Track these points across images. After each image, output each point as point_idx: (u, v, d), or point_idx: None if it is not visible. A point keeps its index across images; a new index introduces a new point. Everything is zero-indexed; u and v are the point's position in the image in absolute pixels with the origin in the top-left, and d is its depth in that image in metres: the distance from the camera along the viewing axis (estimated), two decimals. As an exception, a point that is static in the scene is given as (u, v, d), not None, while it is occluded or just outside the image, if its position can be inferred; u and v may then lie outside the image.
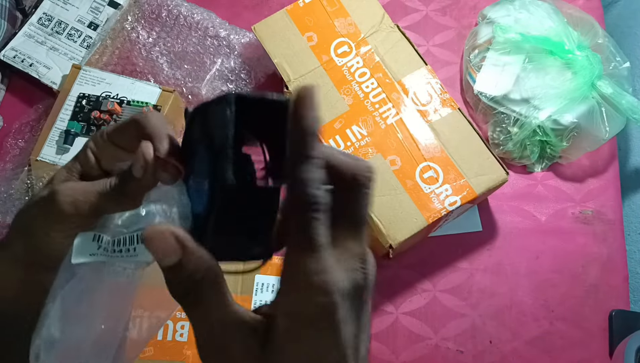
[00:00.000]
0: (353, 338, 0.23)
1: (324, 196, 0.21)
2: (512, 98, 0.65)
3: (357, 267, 0.22)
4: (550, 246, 0.66)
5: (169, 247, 0.21)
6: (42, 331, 0.24)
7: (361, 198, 0.23)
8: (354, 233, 0.23)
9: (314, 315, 0.22)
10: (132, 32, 0.72)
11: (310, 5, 0.66)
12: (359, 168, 0.23)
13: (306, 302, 0.21)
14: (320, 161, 0.21)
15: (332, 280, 0.21)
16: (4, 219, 0.63)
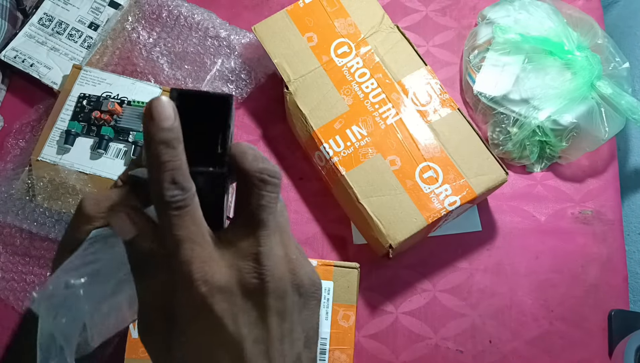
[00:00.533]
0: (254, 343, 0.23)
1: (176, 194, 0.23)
2: (511, 98, 0.65)
3: (244, 266, 0.23)
4: (549, 246, 0.66)
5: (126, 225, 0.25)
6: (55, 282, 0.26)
7: (254, 199, 0.24)
8: (248, 233, 0.24)
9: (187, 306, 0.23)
10: (133, 33, 0.72)
11: (310, 5, 0.66)
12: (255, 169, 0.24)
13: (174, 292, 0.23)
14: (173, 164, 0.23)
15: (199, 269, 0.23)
16: (4, 219, 0.63)
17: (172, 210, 0.23)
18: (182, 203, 0.23)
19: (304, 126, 0.62)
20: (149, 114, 0.23)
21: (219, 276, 0.23)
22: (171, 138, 0.23)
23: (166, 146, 0.23)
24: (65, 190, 0.61)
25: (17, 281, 0.64)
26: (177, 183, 0.23)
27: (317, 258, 0.65)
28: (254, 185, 0.24)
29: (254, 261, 0.24)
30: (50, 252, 0.65)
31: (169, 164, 0.23)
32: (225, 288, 0.23)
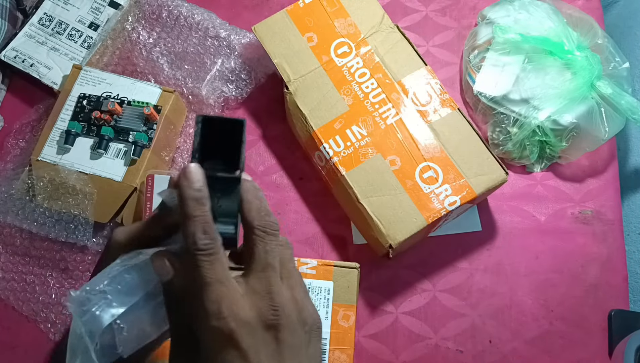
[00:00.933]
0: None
1: (208, 243, 0.27)
2: (511, 98, 0.65)
3: (263, 305, 0.27)
4: (549, 246, 0.66)
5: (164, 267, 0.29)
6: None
7: (261, 246, 0.29)
8: (260, 275, 0.28)
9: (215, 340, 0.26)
10: (133, 33, 0.72)
11: (310, 5, 0.66)
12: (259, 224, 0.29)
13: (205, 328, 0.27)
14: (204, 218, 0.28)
15: (227, 308, 0.26)
16: (4, 219, 0.63)
17: (204, 256, 0.27)
18: (213, 250, 0.27)
19: (304, 126, 0.62)
20: (184, 176, 0.28)
21: (243, 314, 0.26)
22: (201, 196, 0.28)
23: (197, 203, 0.28)
24: (66, 190, 0.61)
25: (17, 281, 0.64)
26: (208, 233, 0.27)
27: (317, 258, 0.65)
28: (258, 236, 0.29)
29: (269, 300, 0.27)
30: (50, 252, 0.65)
31: (200, 218, 0.27)
32: (250, 324, 0.27)
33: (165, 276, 0.29)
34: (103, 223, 0.63)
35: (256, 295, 0.27)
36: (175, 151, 0.69)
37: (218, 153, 0.30)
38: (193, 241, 0.27)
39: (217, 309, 0.26)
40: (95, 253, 0.65)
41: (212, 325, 0.26)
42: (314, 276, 0.58)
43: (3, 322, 0.63)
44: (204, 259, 0.27)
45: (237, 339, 0.26)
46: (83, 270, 0.64)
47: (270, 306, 0.27)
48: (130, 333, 0.30)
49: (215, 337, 0.26)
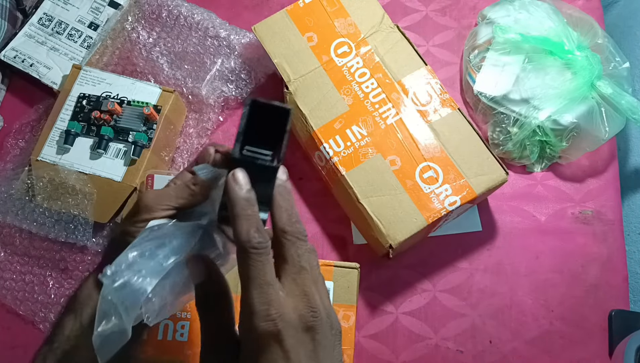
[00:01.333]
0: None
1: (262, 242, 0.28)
2: (511, 98, 0.65)
3: (302, 306, 0.28)
4: (550, 246, 0.66)
5: (199, 271, 0.31)
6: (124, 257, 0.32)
7: (294, 250, 0.30)
8: (294, 277, 0.29)
9: (261, 339, 0.27)
10: (133, 33, 0.72)
11: (310, 5, 0.66)
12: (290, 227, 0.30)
13: (253, 328, 0.27)
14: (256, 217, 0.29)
15: (276, 309, 0.27)
16: (3, 219, 0.63)
17: (258, 255, 0.28)
18: (265, 248, 0.28)
19: (304, 126, 0.62)
20: (234, 179, 0.30)
21: (288, 316, 0.28)
22: (250, 197, 0.29)
23: (248, 203, 0.29)
24: (65, 190, 0.61)
25: (16, 281, 0.64)
26: (261, 232, 0.29)
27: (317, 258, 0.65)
28: (290, 241, 0.30)
29: (307, 302, 0.29)
30: (50, 252, 0.65)
31: (253, 217, 0.29)
32: (293, 325, 0.28)
33: (198, 279, 0.30)
34: (103, 223, 0.63)
35: (295, 297, 0.29)
36: (175, 151, 0.69)
37: (261, 139, 0.30)
38: (247, 239, 0.28)
39: (266, 310, 0.27)
40: (95, 253, 0.65)
41: (260, 325, 0.27)
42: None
43: (2, 322, 0.63)
44: (258, 259, 0.28)
45: (282, 339, 0.27)
46: (83, 270, 0.64)
47: (310, 308, 0.28)
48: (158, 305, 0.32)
49: (261, 336, 0.27)
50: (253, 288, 0.28)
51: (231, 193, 0.29)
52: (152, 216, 0.34)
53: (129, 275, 0.31)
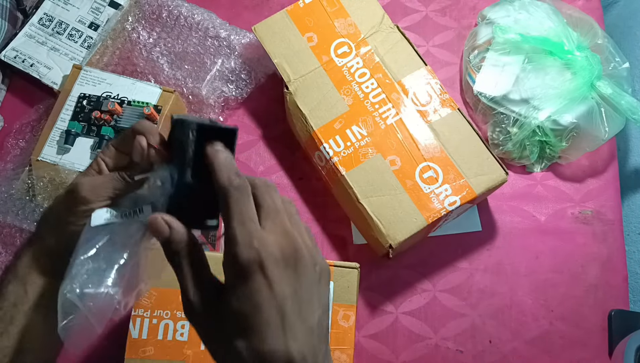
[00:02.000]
0: (293, 302, 0.29)
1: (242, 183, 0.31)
2: (511, 98, 0.65)
3: (283, 241, 0.30)
4: (549, 246, 0.66)
5: (162, 227, 0.31)
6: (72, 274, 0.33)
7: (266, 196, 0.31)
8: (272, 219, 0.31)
9: (244, 269, 0.28)
10: (133, 33, 0.72)
11: (310, 5, 0.66)
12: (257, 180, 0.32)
13: (236, 258, 0.29)
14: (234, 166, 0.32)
15: (258, 241, 0.29)
16: (4, 219, 0.63)
17: (238, 193, 0.30)
18: (245, 188, 0.31)
19: (304, 126, 0.62)
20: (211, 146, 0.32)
21: (270, 247, 0.29)
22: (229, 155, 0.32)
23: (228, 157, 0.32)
24: (66, 190, 0.61)
25: (17, 281, 0.64)
26: (240, 176, 0.31)
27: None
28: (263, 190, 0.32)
29: (287, 238, 0.30)
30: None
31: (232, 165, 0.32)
32: (275, 256, 0.29)
33: (164, 235, 0.31)
34: (103, 223, 0.63)
35: (275, 234, 0.30)
36: (175, 151, 0.69)
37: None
38: (229, 181, 0.30)
39: (249, 241, 0.29)
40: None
41: (244, 253, 0.28)
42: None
43: (3, 322, 0.63)
44: (240, 197, 0.30)
45: (265, 268, 0.28)
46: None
47: (290, 243, 0.30)
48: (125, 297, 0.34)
49: (244, 266, 0.28)
50: (236, 224, 0.29)
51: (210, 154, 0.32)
52: (89, 208, 0.36)
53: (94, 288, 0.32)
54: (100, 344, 0.61)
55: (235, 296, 0.29)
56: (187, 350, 0.55)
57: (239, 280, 0.29)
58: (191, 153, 0.32)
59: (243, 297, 0.29)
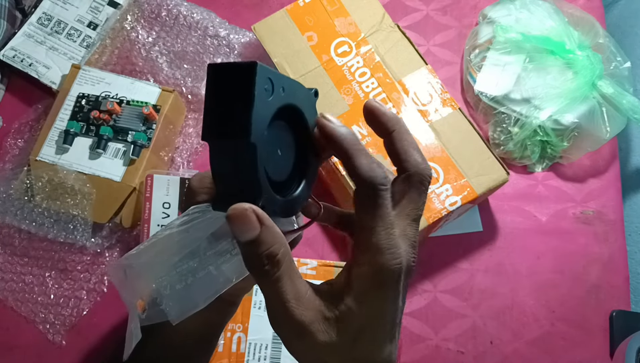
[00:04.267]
0: (401, 311, 0.28)
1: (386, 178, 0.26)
2: (512, 98, 0.65)
3: (411, 252, 0.27)
4: (551, 247, 0.65)
5: (251, 223, 0.24)
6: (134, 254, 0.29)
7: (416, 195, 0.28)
8: (411, 223, 0.27)
9: (384, 277, 0.26)
10: (132, 32, 0.72)
11: (310, 4, 0.66)
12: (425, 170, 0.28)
13: (379, 265, 0.26)
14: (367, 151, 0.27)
15: (400, 250, 0.26)
16: (2, 219, 0.63)
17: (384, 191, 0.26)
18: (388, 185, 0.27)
19: (304, 126, 0.62)
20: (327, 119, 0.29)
21: (404, 260, 0.26)
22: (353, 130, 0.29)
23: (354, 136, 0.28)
24: (64, 190, 0.61)
25: (16, 281, 0.64)
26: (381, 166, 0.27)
27: (317, 258, 0.65)
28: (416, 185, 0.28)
29: (413, 249, 0.27)
30: (49, 252, 0.64)
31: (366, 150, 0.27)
32: (406, 269, 0.26)
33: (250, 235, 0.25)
34: (102, 223, 0.62)
35: (406, 242, 0.27)
36: (175, 151, 0.69)
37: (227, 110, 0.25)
38: (373, 174, 0.26)
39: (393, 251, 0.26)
40: (94, 253, 0.64)
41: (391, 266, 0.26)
42: (314, 276, 0.58)
43: (2, 323, 0.63)
44: (385, 196, 0.26)
45: (400, 281, 0.26)
46: (82, 271, 0.64)
47: (414, 255, 0.27)
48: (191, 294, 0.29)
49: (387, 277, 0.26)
50: (380, 227, 0.26)
51: (330, 131, 0.28)
52: (195, 200, 0.32)
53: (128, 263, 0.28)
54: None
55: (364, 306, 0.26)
56: (187, 351, 0.55)
57: (375, 290, 0.26)
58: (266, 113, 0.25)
59: (373, 307, 0.26)
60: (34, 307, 0.63)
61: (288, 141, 0.29)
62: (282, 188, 0.29)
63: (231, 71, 0.24)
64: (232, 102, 0.24)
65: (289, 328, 0.26)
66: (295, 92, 0.28)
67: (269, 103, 0.25)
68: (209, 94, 0.25)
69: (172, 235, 0.29)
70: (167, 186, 0.60)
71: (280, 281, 0.25)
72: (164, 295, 0.28)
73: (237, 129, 0.24)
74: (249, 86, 0.24)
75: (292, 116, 0.29)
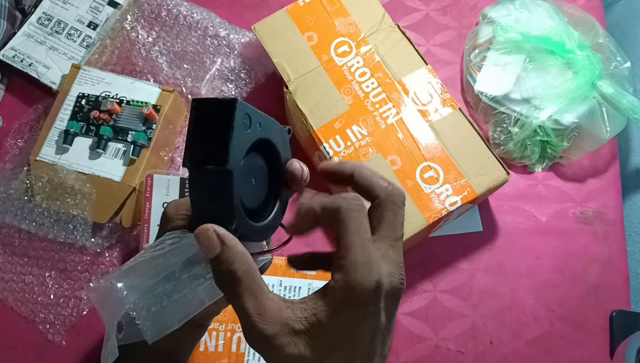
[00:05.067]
0: (384, 333, 0.28)
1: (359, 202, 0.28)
2: (512, 98, 0.65)
3: (395, 273, 0.28)
4: (551, 247, 0.66)
5: (212, 242, 0.27)
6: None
7: (392, 215, 0.29)
8: (393, 243, 0.28)
9: (358, 294, 0.26)
10: (132, 32, 0.72)
11: (310, 4, 0.65)
12: (394, 190, 0.29)
13: (353, 282, 0.26)
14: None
15: (378, 269, 0.26)
16: (2, 219, 0.63)
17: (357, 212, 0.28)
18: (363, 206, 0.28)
19: (304, 126, 0.62)
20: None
21: (386, 280, 0.27)
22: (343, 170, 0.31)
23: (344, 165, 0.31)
24: (64, 190, 0.61)
25: (16, 281, 0.64)
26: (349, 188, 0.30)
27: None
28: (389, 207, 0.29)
29: (400, 270, 0.28)
30: (49, 252, 0.64)
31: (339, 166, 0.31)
32: (387, 289, 0.27)
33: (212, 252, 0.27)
34: (102, 223, 0.62)
35: (389, 264, 0.28)
36: (175, 151, 0.69)
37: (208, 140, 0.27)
38: (344, 199, 0.28)
39: (369, 270, 0.26)
40: (94, 254, 0.64)
41: (366, 284, 0.26)
42: (314, 276, 0.58)
43: (2, 323, 0.63)
44: (359, 216, 0.27)
45: (378, 301, 0.27)
46: (82, 271, 0.64)
47: (400, 276, 0.28)
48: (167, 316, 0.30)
49: (362, 296, 0.26)
50: (357, 245, 0.27)
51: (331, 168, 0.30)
52: (171, 226, 0.33)
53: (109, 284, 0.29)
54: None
55: (336, 322, 0.27)
56: (187, 351, 0.55)
57: (347, 306, 0.27)
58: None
59: (345, 324, 0.27)
60: (34, 307, 0.63)
61: (262, 172, 0.32)
62: (255, 214, 0.31)
63: (213, 106, 0.27)
64: (213, 133, 0.27)
65: (255, 341, 0.27)
66: (270, 128, 0.31)
67: (246, 136, 0.28)
68: (191, 125, 0.27)
69: (150, 259, 0.30)
70: (167, 186, 0.60)
71: (242, 297, 0.27)
72: (140, 316, 0.29)
73: (216, 157, 0.26)
74: (229, 119, 0.26)
75: (266, 149, 0.31)
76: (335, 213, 0.28)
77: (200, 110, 0.27)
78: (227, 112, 0.27)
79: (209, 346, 0.55)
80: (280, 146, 0.32)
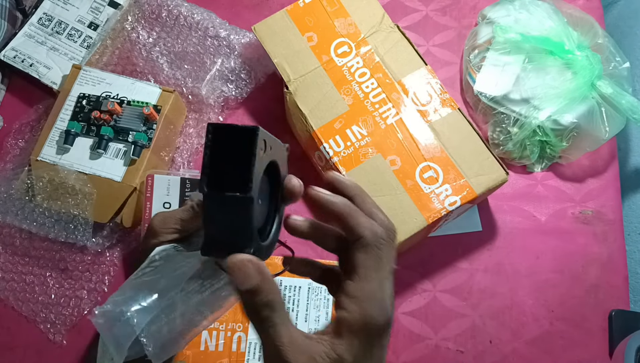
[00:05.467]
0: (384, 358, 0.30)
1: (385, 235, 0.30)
2: (512, 98, 0.65)
3: (393, 305, 0.30)
4: (550, 247, 0.66)
5: (251, 274, 0.27)
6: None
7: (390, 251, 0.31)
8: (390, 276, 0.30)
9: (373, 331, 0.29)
10: (132, 32, 0.72)
11: (310, 5, 0.66)
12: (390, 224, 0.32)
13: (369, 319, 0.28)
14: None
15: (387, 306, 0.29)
16: (3, 219, 0.63)
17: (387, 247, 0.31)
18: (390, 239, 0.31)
19: (304, 126, 0.62)
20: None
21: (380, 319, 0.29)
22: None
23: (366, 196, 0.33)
24: (65, 190, 0.61)
25: (16, 281, 0.64)
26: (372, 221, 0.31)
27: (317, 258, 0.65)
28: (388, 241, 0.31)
29: (392, 303, 0.30)
30: (50, 252, 0.65)
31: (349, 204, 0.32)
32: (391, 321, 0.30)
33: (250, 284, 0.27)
34: (102, 223, 0.63)
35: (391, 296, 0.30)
36: (175, 151, 0.69)
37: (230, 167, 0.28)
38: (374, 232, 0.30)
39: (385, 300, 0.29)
40: (95, 253, 0.65)
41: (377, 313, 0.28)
42: (314, 276, 0.58)
43: (2, 322, 0.63)
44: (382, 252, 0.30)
45: (387, 333, 0.29)
46: (82, 270, 0.64)
47: (393, 307, 0.30)
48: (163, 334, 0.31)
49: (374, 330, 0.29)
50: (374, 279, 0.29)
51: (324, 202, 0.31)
52: (158, 240, 0.34)
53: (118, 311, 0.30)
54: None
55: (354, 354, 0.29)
56: (187, 351, 0.55)
57: (365, 338, 0.29)
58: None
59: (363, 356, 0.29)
60: (34, 307, 0.63)
61: (266, 192, 0.32)
62: (260, 233, 0.32)
63: (234, 133, 0.27)
64: (234, 160, 0.27)
65: None
66: (277, 149, 0.32)
67: (261, 161, 0.28)
68: (209, 151, 0.27)
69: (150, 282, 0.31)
70: (168, 186, 0.61)
71: (277, 327, 0.28)
72: (150, 343, 0.30)
73: (239, 184, 0.26)
74: (251, 147, 0.27)
75: (271, 169, 0.32)
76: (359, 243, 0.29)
77: (218, 136, 0.27)
78: (249, 140, 0.27)
79: (210, 345, 0.55)
80: (281, 164, 0.33)
